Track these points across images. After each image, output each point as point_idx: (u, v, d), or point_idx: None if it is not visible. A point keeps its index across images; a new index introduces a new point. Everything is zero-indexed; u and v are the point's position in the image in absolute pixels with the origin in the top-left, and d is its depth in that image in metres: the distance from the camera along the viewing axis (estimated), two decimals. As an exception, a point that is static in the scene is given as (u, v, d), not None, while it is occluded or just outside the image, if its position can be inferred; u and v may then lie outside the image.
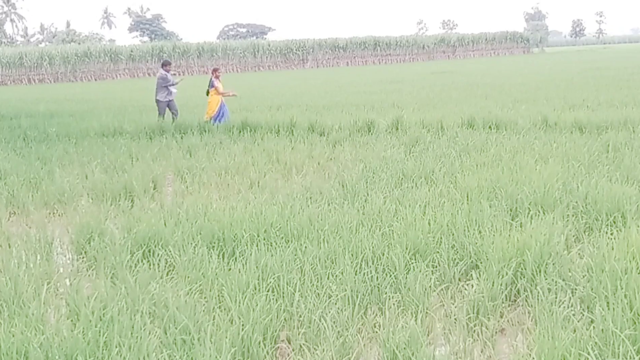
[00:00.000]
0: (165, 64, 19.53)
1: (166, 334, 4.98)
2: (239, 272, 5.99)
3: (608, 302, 5.05)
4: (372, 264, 6.22)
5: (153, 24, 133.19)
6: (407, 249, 6.50)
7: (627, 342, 4.44)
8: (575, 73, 37.71)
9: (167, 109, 19.20)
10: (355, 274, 5.94)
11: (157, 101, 19.29)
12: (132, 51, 76.13)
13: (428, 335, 5.19)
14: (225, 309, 5.45)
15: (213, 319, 5.21)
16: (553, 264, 6.01)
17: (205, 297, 5.83)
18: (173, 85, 19.08)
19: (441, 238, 6.83)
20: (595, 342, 4.58)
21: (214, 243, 7.13)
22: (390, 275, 6.01)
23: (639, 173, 9.37)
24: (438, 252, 6.52)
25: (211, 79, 18.59)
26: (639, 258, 5.81)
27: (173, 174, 11.80)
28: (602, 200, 7.76)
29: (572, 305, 5.32)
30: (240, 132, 16.20)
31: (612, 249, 6.11)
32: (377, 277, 5.94)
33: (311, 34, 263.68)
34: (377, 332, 5.19)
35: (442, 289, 5.93)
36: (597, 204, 7.75)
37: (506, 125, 14.78)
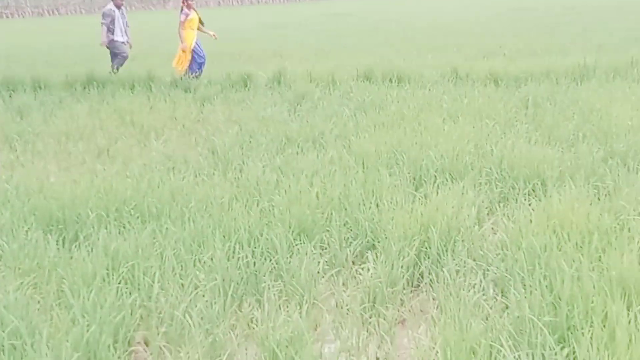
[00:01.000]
0: None
1: (-9, 339, 4.87)
2: (84, 260, 5.88)
3: (525, 285, 5.22)
4: (249, 246, 6.23)
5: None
6: (290, 227, 6.54)
7: (545, 330, 4.59)
8: (492, 15, 38.63)
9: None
10: (228, 260, 5.94)
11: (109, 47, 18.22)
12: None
13: (315, 329, 5.27)
14: (66, 307, 5.34)
15: (51, 319, 5.12)
16: (462, 241, 6.17)
17: (41, 293, 5.71)
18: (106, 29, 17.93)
19: (332, 214, 6.91)
20: (510, 332, 4.72)
21: (52, 226, 6.98)
22: (271, 260, 6.05)
23: (562, 132, 9.65)
24: (328, 230, 6.60)
25: (182, 8, 18.05)
26: (560, 232, 5.99)
27: (-1, 142, 11.48)
28: (520, 165, 7.99)
29: (483, 289, 5.47)
30: (85, 88, 15.85)
31: (531, 222, 6.31)
32: (254, 263, 5.97)
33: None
34: (254, 328, 5.21)
35: (332, 275, 6.01)
36: (513, 170, 7.98)
37: (409, 78, 15.02)
